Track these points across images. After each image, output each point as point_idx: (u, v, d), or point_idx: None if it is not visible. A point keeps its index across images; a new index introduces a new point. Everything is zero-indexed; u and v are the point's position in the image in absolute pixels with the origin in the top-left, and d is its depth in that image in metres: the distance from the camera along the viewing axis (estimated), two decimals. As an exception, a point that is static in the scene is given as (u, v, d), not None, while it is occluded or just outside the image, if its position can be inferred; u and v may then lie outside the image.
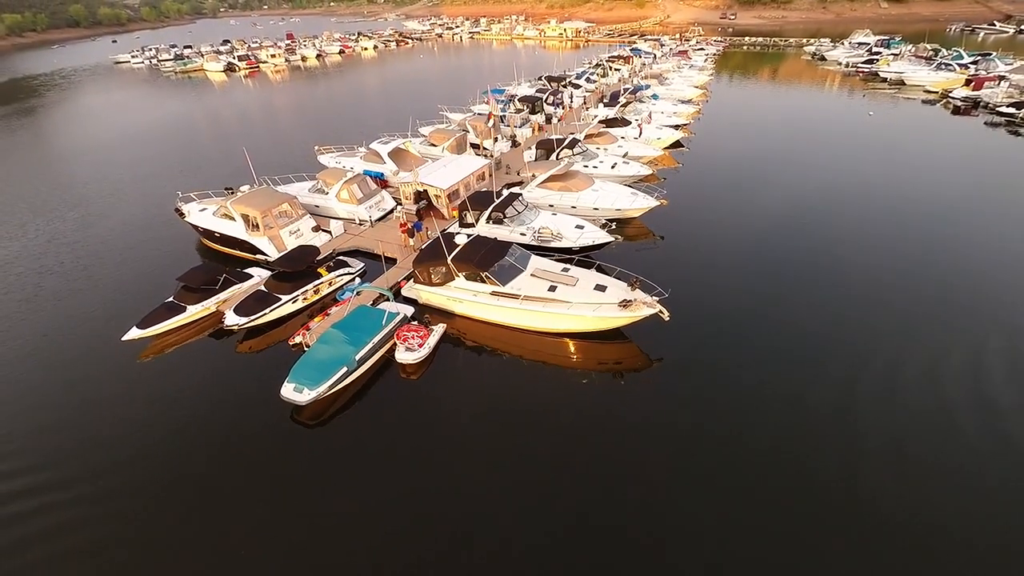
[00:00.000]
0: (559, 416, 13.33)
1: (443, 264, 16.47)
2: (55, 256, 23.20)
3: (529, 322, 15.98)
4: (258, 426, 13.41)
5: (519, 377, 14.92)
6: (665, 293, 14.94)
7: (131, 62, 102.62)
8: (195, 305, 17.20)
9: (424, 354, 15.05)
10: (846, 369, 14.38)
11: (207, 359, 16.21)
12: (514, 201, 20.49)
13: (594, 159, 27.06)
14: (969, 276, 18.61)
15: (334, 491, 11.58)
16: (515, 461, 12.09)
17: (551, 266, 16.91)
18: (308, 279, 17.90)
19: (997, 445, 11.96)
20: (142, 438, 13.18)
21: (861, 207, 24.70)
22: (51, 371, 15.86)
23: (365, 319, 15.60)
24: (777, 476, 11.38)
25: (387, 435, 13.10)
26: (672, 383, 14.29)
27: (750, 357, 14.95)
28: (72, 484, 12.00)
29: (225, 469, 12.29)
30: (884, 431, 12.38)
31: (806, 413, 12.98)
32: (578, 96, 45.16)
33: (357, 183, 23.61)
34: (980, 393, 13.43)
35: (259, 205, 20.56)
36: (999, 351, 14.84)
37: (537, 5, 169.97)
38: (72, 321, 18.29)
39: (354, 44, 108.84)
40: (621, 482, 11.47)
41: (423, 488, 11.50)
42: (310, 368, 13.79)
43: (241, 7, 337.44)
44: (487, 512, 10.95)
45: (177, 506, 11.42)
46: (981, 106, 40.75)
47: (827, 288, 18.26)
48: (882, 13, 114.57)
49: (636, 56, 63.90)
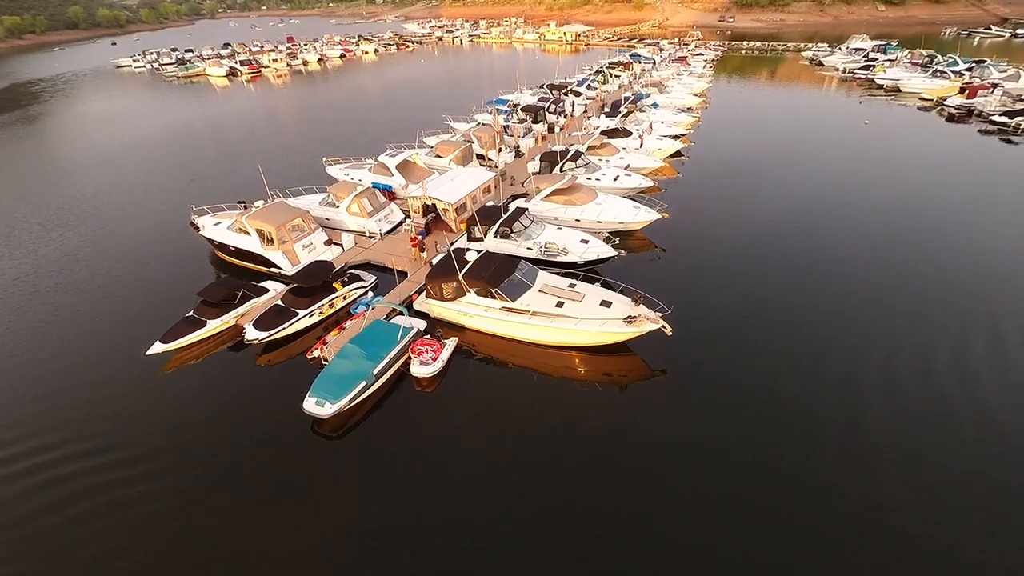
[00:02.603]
0: (567, 427, 14.03)
1: (454, 280, 17.15)
2: (70, 273, 23.54)
3: (538, 336, 16.68)
4: (281, 438, 14.08)
5: (528, 389, 15.61)
6: (668, 309, 15.64)
7: (132, 66, 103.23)
8: (215, 319, 17.87)
9: (438, 368, 15.73)
10: (846, 374, 15.20)
11: (228, 372, 16.86)
12: (521, 216, 21.16)
13: (596, 171, 27.74)
14: (971, 285, 19.46)
15: (355, 499, 12.28)
16: (526, 471, 12.77)
17: (558, 282, 17.61)
18: (324, 293, 18.55)
19: (1001, 446, 12.80)
20: (172, 450, 13.86)
21: (861, 216, 25.40)
22: (77, 388, 16.41)
23: (381, 333, 16.27)
24: (779, 485, 12.08)
25: (404, 446, 13.77)
26: (675, 394, 14.98)
27: (752, 367, 15.68)
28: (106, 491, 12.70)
29: (252, 478, 12.97)
30: (888, 436, 13.11)
31: (811, 424, 13.69)
32: (579, 104, 45.85)
33: (367, 196, 24.26)
34: (980, 394, 14.37)
35: (273, 220, 21.20)
36: (999, 352, 15.90)
37: (536, 7, 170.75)
38: (95, 337, 18.84)
39: (355, 48, 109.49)
40: (627, 489, 12.16)
41: (440, 497, 12.19)
42: (331, 382, 14.47)
43: (240, 8, 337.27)
44: (500, 518, 11.66)
45: (205, 515, 12.11)
46: (975, 114, 41.52)
47: (827, 296, 19.02)
48: (879, 16, 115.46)
49: (636, 62, 64.62)
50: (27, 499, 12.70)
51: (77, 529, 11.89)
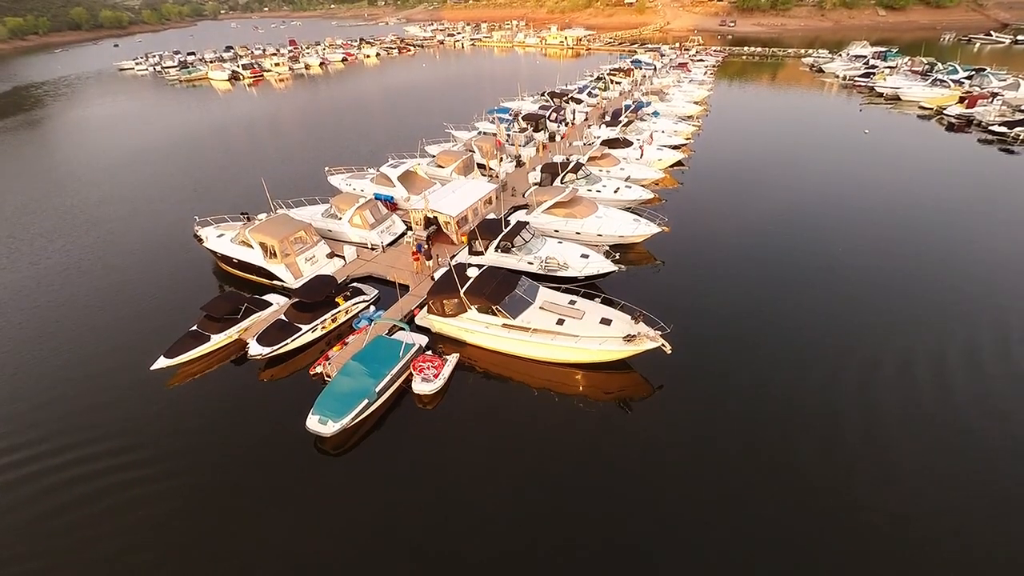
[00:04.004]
0: (568, 443, 14.19)
1: (456, 296, 17.31)
2: (74, 286, 23.58)
3: (538, 353, 16.84)
4: (284, 457, 14.24)
5: (529, 405, 15.75)
6: (667, 328, 15.80)
7: (135, 69, 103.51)
8: (219, 334, 18.03)
9: (439, 385, 15.88)
10: (846, 390, 15.43)
11: (232, 387, 17.02)
12: (521, 230, 21.32)
13: (597, 183, 27.89)
14: (974, 299, 19.65)
15: (357, 515, 12.47)
16: (528, 490, 12.92)
17: (558, 298, 17.77)
18: (326, 308, 18.71)
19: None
20: (178, 472, 14.03)
21: (861, 228, 25.53)
22: (84, 405, 16.58)
23: (383, 350, 16.43)
24: (778, 501, 12.24)
25: (406, 464, 13.91)
26: (675, 411, 15.14)
27: (751, 383, 15.86)
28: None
29: (255, 495, 13.14)
30: (890, 453, 13.26)
31: (811, 441, 13.86)
32: (580, 112, 46.01)
33: (369, 208, 24.43)
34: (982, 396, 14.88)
35: (276, 234, 21.35)
36: (998, 352, 16.54)
37: (537, 10, 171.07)
38: (99, 351, 18.99)
39: (357, 52, 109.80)
40: (630, 505, 12.35)
41: (443, 515, 12.35)
42: (333, 400, 14.63)
43: (242, 9, 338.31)
44: (503, 538, 11.81)
45: (207, 534, 12.28)
46: (974, 124, 41.66)
47: (827, 309, 19.21)
48: (880, 21, 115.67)
49: (637, 68, 64.82)
50: (30, 504, 12.96)
51: (84, 550, 12.10)
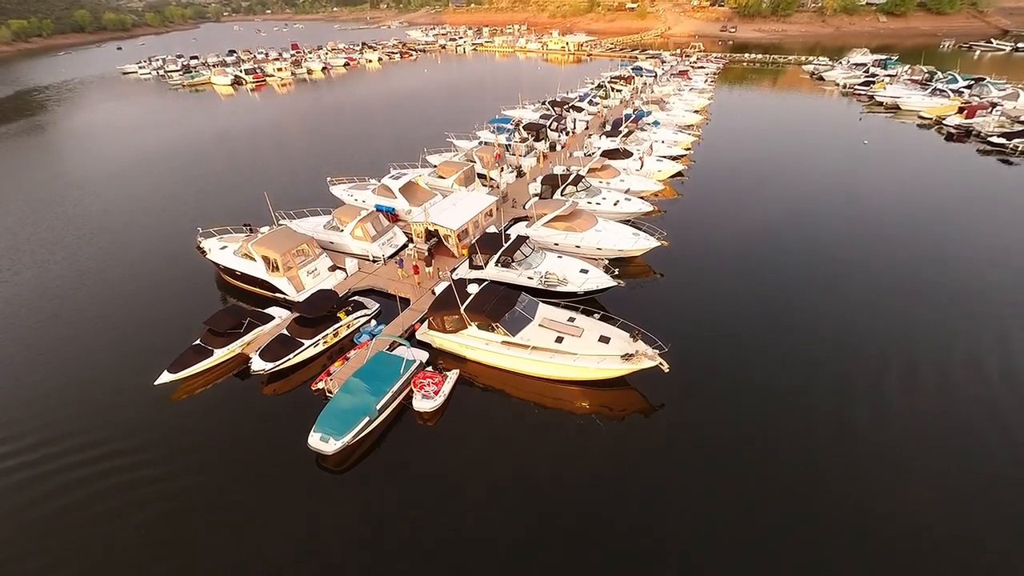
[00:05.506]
0: (568, 460, 14.36)
1: (456, 313, 17.49)
2: (76, 298, 23.73)
3: (538, 370, 17.01)
4: (286, 473, 14.41)
5: (529, 422, 15.92)
6: (665, 348, 15.96)
7: (138, 73, 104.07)
8: (222, 348, 18.22)
9: (439, 402, 16.05)
10: (846, 406, 15.65)
11: (235, 402, 17.19)
12: (521, 245, 21.51)
13: (597, 195, 28.08)
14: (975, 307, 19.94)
15: (358, 534, 12.63)
16: (527, 507, 13.09)
17: (558, 315, 17.95)
18: (328, 323, 18.90)
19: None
20: (183, 481, 14.23)
21: (861, 240, 25.71)
22: (89, 420, 16.75)
23: (384, 366, 16.59)
24: (778, 517, 12.39)
25: (407, 481, 14.08)
26: (673, 427, 15.34)
27: (750, 401, 16.03)
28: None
29: (256, 510, 13.34)
30: (897, 472, 13.41)
31: (811, 460, 14.02)
32: (581, 120, 46.21)
33: (371, 221, 24.63)
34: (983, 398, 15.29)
35: (279, 247, 21.55)
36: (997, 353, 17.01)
37: (539, 15, 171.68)
38: (104, 364, 19.21)
39: (359, 56, 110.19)
40: (628, 522, 12.56)
41: (444, 532, 12.52)
42: (334, 418, 14.80)
43: (244, 11, 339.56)
44: (503, 556, 11.98)
45: (212, 548, 12.45)
46: (973, 135, 41.82)
47: (827, 324, 19.41)
48: (880, 27, 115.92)
49: (637, 75, 65.09)
50: (31, 508, 13.12)
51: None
